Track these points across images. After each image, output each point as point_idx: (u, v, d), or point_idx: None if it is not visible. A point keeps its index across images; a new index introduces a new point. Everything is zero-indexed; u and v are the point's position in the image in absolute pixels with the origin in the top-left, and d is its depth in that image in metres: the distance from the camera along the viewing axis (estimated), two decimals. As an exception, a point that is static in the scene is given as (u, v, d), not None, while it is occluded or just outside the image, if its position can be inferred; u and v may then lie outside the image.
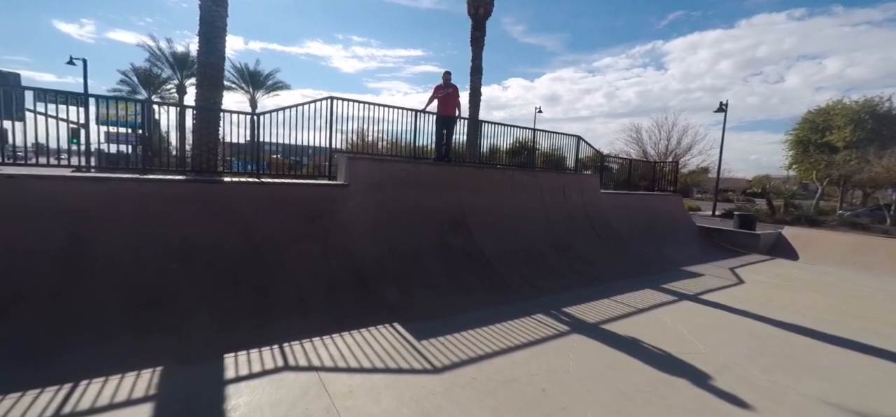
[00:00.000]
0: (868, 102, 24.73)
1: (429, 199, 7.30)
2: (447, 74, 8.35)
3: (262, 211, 5.58)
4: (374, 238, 6.35)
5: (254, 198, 5.63)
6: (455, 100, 8.30)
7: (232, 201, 5.47)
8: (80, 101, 5.66)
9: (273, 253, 5.31)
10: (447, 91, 8.25)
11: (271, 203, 5.71)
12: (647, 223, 11.05)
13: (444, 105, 8.23)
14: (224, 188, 5.55)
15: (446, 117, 8.26)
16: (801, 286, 7.79)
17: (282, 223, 5.64)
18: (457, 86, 8.37)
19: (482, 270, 6.74)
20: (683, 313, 5.69)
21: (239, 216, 5.41)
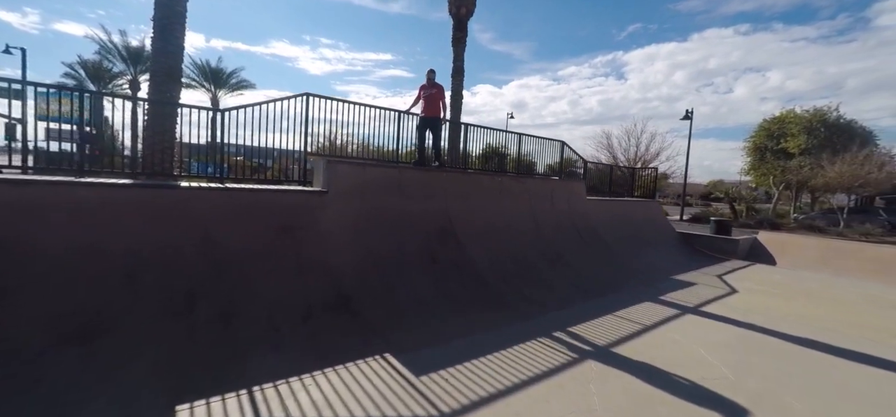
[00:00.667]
0: (819, 111, 26.25)
1: (414, 207, 6.68)
2: (431, 73, 7.71)
3: (225, 221, 4.78)
4: (356, 250, 5.66)
5: (216, 206, 4.82)
6: (440, 100, 7.67)
7: (190, 209, 4.64)
8: (16, 94, 4.67)
9: (239, 271, 4.53)
10: (432, 90, 7.62)
11: (237, 211, 4.91)
12: (631, 230, 10.89)
13: (428, 105, 7.62)
14: (180, 194, 4.71)
15: (431, 119, 7.65)
16: (790, 293, 7.74)
17: (249, 235, 4.86)
18: (442, 85, 7.76)
19: (474, 284, 6.18)
20: (691, 329, 5.37)
21: (198, 226, 4.59)
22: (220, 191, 4.98)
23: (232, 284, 4.37)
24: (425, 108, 7.65)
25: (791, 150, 26.15)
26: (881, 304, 7.24)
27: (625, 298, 6.65)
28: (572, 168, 11.69)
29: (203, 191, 4.88)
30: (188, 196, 4.74)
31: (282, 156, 6.91)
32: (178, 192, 4.73)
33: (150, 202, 4.46)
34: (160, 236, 4.33)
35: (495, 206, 7.94)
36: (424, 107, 7.66)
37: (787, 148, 26.45)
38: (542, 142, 10.36)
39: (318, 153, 6.87)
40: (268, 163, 6.81)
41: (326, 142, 9.48)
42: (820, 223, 21.55)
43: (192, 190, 4.82)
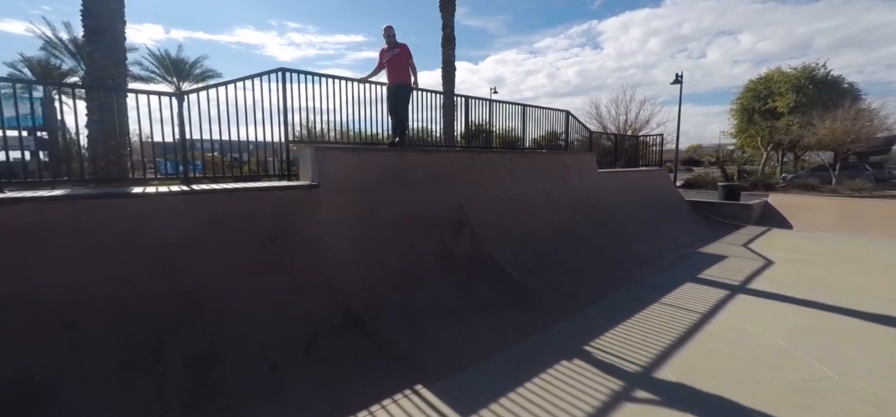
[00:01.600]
0: (806, 68, 26.12)
1: (421, 195, 5.76)
2: (389, 30, 6.00)
3: (195, 236, 3.78)
4: (361, 255, 4.74)
5: (182, 217, 3.81)
6: (406, 63, 6.05)
7: (147, 225, 3.63)
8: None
9: (218, 300, 3.57)
10: (394, 52, 5.99)
11: (209, 222, 3.92)
12: (644, 202, 10.23)
13: (393, 71, 6.01)
14: (134, 205, 3.68)
15: (397, 87, 6.04)
16: (827, 260, 7.20)
17: (227, 250, 3.88)
18: (406, 44, 6.06)
19: (497, 280, 5.36)
20: (753, 313, 4.68)
21: (159, 247, 3.59)
22: (186, 197, 3.96)
23: (210, 318, 3.42)
24: (390, 75, 6.05)
25: (780, 109, 25.99)
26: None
27: (662, 280, 5.95)
28: (577, 139, 10.90)
29: (164, 198, 3.85)
30: (145, 207, 3.71)
31: (257, 148, 5.87)
32: (130, 203, 3.69)
33: (95, 219, 3.42)
34: (109, 266, 3.33)
35: (507, 188, 7.09)
36: (389, 73, 6.06)
37: (776, 107, 26.28)
38: (546, 113, 9.50)
39: (302, 140, 5.82)
40: (243, 157, 5.75)
41: (304, 130, 8.36)
42: (812, 181, 21.61)
43: (150, 199, 3.78)
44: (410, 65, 6.11)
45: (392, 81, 6.08)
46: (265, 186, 4.55)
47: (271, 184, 4.87)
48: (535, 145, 9.58)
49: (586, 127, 10.94)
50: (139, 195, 3.74)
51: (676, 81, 24.96)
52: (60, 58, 22.29)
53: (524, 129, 8.86)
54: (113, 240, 3.40)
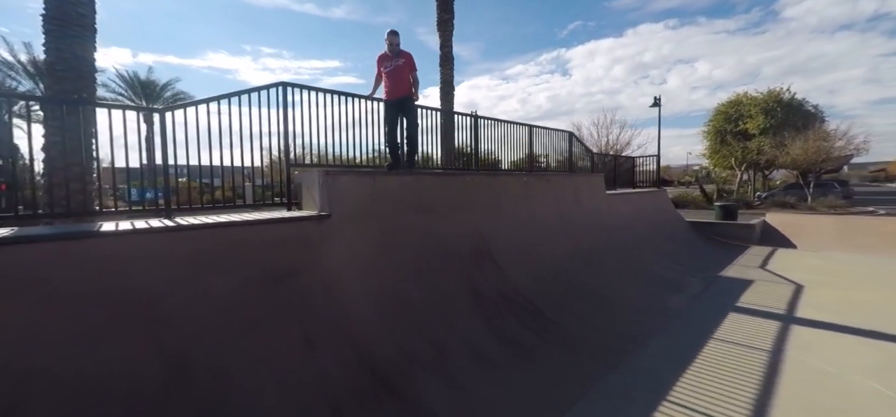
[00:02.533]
0: (773, 92, 27.29)
1: (440, 225, 5.11)
2: (393, 36, 5.12)
3: (180, 283, 2.98)
4: (381, 297, 4.02)
5: (163, 259, 3.01)
6: (409, 75, 5.20)
7: (121, 271, 2.81)
8: None
9: (209, 367, 2.77)
10: (397, 61, 5.13)
11: (198, 263, 3.12)
12: (652, 223, 9.92)
13: (393, 82, 5.18)
14: (102, 246, 2.86)
15: (400, 100, 5.20)
16: (852, 281, 6.94)
17: (221, 299, 3.09)
18: (411, 54, 5.23)
19: (531, 318, 4.72)
20: (819, 347, 4.21)
21: (133, 300, 2.78)
22: (168, 235, 3.16)
23: (202, 392, 2.61)
24: (390, 87, 5.19)
25: (751, 131, 26.97)
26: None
27: (702, 311, 5.46)
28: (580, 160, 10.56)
29: (141, 237, 3.04)
30: (116, 248, 2.89)
31: (253, 173, 5.10)
32: (97, 244, 2.87)
33: (51, 265, 2.59)
34: (67, 327, 2.50)
35: (524, 211, 6.54)
36: (389, 85, 5.20)
37: (747, 128, 27.27)
38: (550, 133, 9.11)
39: (306, 164, 5.08)
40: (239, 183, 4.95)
41: (301, 151, 7.57)
42: (789, 199, 22.27)
43: (123, 238, 2.97)
44: (413, 77, 5.25)
45: (393, 95, 5.19)
46: (265, 218, 3.79)
47: (272, 215, 4.11)
48: (541, 167, 9.14)
49: (589, 148, 10.64)
50: (109, 233, 2.93)
51: (655, 104, 25.48)
52: (18, 80, 20.72)
53: (532, 150, 8.41)
54: (73, 293, 2.57)
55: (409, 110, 5.26)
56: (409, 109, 5.25)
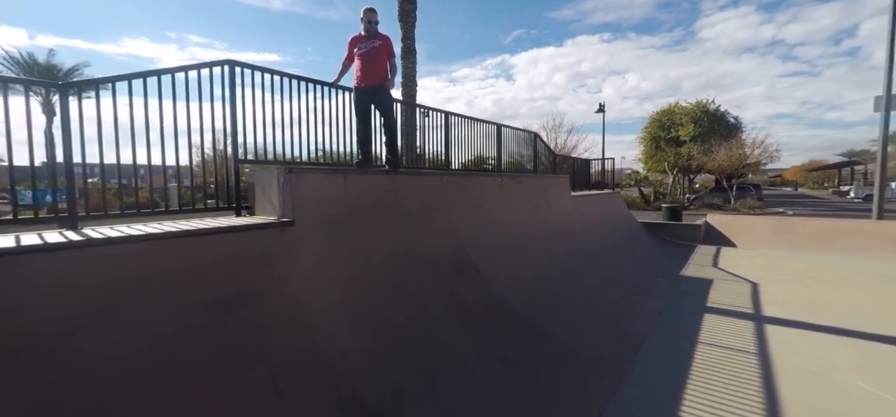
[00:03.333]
0: (700, 103, 29.77)
1: (418, 230, 4.58)
2: (371, 13, 4.42)
3: (97, 317, 2.19)
4: (359, 315, 3.40)
5: (71, 285, 2.19)
6: (386, 60, 4.52)
7: (9, 307, 1.97)
8: None
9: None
10: (374, 43, 4.42)
11: (121, 290, 2.33)
12: (612, 225, 10.08)
13: (367, 67, 4.41)
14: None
15: (374, 89, 4.46)
16: (798, 277, 7.41)
17: (158, 338, 2.34)
18: (389, 37, 4.59)
19: (520, 331, 4.34)
20: (796, 347, 4.27)
21: (29, 345, 1.96)
22: (78, 253, 2.33)
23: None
24: (363, 72, 4.42)
25: (682, 138, 29.21)
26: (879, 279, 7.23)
27: (677, 315, 5.43)
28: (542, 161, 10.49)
29: (39, 260, 2.19)
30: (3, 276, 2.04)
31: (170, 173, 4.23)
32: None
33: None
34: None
35: (500, 214, 6.18)
36: (361, 70, 4.43)
37: (679, 136, 29.51)
38: (517, 134, 8.90)
39: (259, 161, 4.27)
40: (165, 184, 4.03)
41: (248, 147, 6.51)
42: (716, 200, 24.33)
43: (12, 262, 2.11)
44: (391, 63, 4.58)
45: (366, 81, 4.43)
46: (212, 227, 3.03)
47: (216, 223, 3.33)
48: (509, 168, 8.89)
49: (551, 150, 10.61)
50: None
51: (600, 110, 26.85)
52: None
53: (500, 150, 8.11)
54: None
55: (385, 101, 4.58)
56: (385, 100, 4.57)
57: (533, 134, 9.42)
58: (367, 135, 4.66)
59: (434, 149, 6.62)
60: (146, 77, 3.19)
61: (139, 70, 3.15)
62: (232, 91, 3.79)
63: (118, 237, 2.45)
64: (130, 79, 3.10)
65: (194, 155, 3.68)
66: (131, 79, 3.10)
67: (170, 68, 3.33)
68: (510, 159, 8.53)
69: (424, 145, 6.50)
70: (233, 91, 3.80)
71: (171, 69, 3.34)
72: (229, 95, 3.78)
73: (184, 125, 3.46)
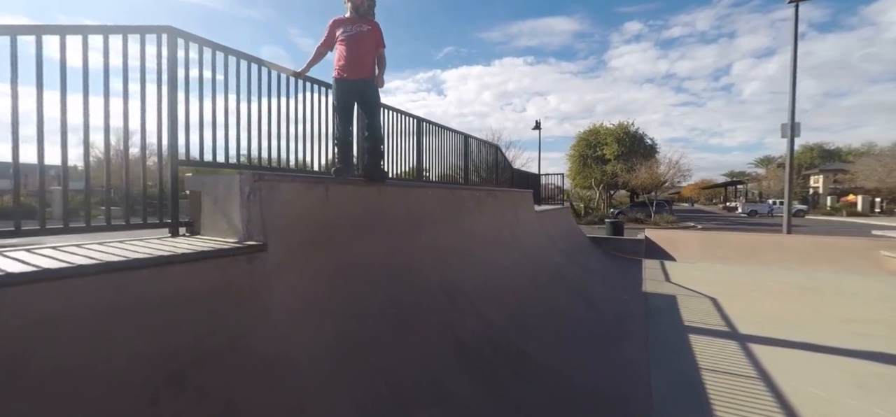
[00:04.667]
0: (622, 125, 32.36)
1: (405, 250, 3.87)
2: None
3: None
4: (351, 371, 2.61)
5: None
6: (374, 49, 3.75)
7: None
8: None
9: None
10: (360, 28, 3.64)
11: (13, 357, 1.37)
12: (568, 240, 10.10)
13: (352, 54, 3.61)
14: None
15: (359, 83, 3.66)
16: (744, 291, 7.86)
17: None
18: (379, 24, 3.78)
19: (524, 367, 3.81)
20: (788, 368, 4.27)
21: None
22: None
23: None
24: (347, 61, 3.62)
25: (607, 156, 31.48)
26: (812, 291, 7.95)
27: (663, 334, 5.32)
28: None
29: None
30: None
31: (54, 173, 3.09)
32: None
33: None
34: None
35: (479, 231, 5.66)
36: (345, 58, 3.62)
37: (604, 154, 31.77)
38: (480, 145, 8.52)
39: (210, 164, 3.23)
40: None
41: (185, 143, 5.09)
42: (639, 215, 26.38)
43: None
44: (379, 54, 3.80)
45: (350, 72, 3.60)
46: (150, 257, 2.08)
47: (149, 250, 2.36)
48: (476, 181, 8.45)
49: (510, 163, 10.42)
50: None
51: (537, 127, 27.89)
52: None
53: (467, 162, 7.64)
54: None
55: (371, 98, 3.77)
56: (372, 97, 3.77)
57: (495, 146, 9.12)
58: (348, 137, 3.84)
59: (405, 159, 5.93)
60: (40, 34, 2.16)
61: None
62: (172, 69, 2.83)
63: None
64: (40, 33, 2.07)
65: (100, 149, 2.61)
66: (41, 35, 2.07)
67: (89, 26, 2.32)
68: (477, 172, 8.11)
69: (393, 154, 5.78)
70: (173, 69, 2.84)
71: (87, 27, 2.33)
72: (169, 75, 2.82)
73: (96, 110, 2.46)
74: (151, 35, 2.74)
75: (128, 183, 2.62)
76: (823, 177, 44.00)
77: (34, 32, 2.14)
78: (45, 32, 2.19)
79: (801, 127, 12.00)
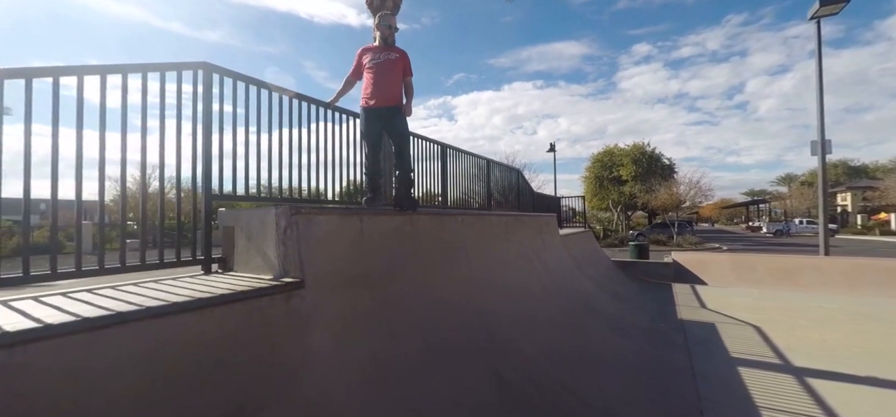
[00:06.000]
0: (637, 145, 31.99)
1: (440, 283, 3.71)
2: (387, 19, 3.79)
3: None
4: (393, 414, 2.43)
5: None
6: (401, 78, 3.73)
7: None
8: None
9: None
10: (388, 56, 3.65)
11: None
12: (593, 264, 9.78)
13: (380, 82, 3.59)
14: None
15: (387, 110, 3.61)
16: (786, 318, 7.42)
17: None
18: (406, 52, 3.80)
19: (568, 405, 3.55)
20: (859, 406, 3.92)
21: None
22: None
23: None
24: (375, 89, 3.58)
25: (624, 177, 31.05)
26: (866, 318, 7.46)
27: (710, 368, 4.97)
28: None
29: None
30: None
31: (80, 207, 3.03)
32: None
33: None
34: None
35: (508, 258, 5.46)
36: (373, 86, 3.59)
37: (621, 175, 31.35)
38: (502, 169, 8.41)
39: (244, 197, 3.18)
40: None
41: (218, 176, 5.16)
42: (662, 237, 25.74)
43: None
44: (406, 83, 3.78)
45: (378, 100, 3.56)
46: (191, 300, 1.97)
47: (178, 289, 2.26)
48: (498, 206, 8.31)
49: (530, 186, 10.26)
50: None
51: (551, 150, 27.76)
52: None
53: (490, 187, 7.51)
54: None
55: (400, 127, 3.70)
56: (400, 125, 3.70)
57: (516, 170, 9.00)
58: (378, 166, 3.78)
59: (429, 184, 5.84)
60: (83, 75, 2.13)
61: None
62: (209, 102, 2.79)
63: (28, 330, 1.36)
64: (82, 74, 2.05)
65: (135, 185, 2.58)
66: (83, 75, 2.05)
67: (128, 65, 2.29)
68: (503, 197, 7.97)
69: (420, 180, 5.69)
70: (209, 102, 2.80)
71: (127, 67, 2.30)
72: (203, 108, 2.78)
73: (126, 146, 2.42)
74: (188, 70, 2.73)
75: (162, 219, 2.55)
76: (852, 195, 42.53)
77: (75, 73, 2.12)
78: (87, 73, 2.16)
79: (831, 144, 11.58)
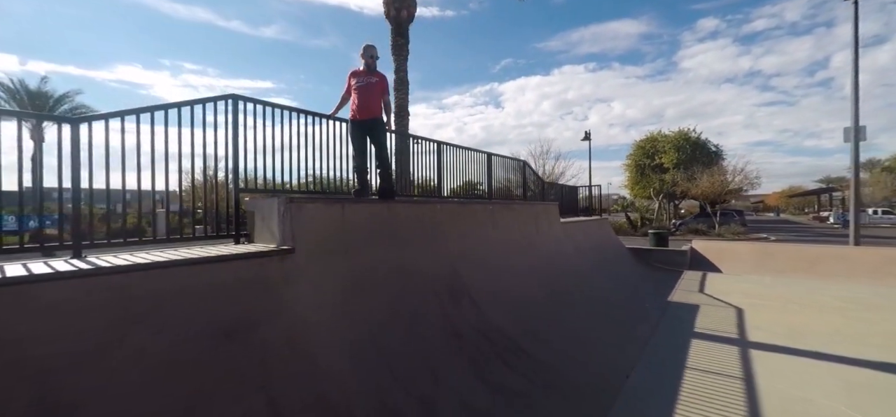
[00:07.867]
0: (682, 132, 30.70)
1: (414, 258, 4.66)
2: (371, 50, 4.82)
3: (100, 350, 2.22)
4: (357, 345, 3.44)
5: (69, 317, 2.22)
6: (381, 96, 4.85)
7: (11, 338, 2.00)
8: None
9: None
10: (370, 79, 4.77)
11: (122, 320, 2.37)
12: (601, 250, 10.27)
13: (362, 101, 4.72)
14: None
15: (370, 122, 4.78)
16: (782, 303, 7.61)
17: (157, 367, 2.36)
18: (385, 76, 4.99)
19: (516, 359, 4.38)
20: (784, 373, 4.41)
21: (32, 376, 1.98)
22: (82, 283, 2.37)
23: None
24: (358, 105, 4.73)
25: (666, 165, 29.99)
26: (858, 305, 7.48)
27: (666, 339, 5.55)
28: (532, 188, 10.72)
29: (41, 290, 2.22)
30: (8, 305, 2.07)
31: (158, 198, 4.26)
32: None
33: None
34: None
35: (493, 242, 6.30)
36: (357, 103, 4.74)
37: (663, 162, 30.30)
38: (505, 161, 9.13)
39: (257, 189, 4.38)
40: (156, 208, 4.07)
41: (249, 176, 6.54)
42: (701, 226, 24.86)
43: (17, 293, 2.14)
44: (385, 101, 4.93)
45: (361, 114, 4.74)
46: (214, 255, 3.08)
47: (216, 250, 3.39)
48: (498, 195, 9.08)
49: (540, 177, 10.87)
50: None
51: (586, 138, 27.50)
52: None
53: (490, 178, 8.30)
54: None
55: (379, 134, 4.87)
56: (379, 133, 4.87)
57: (522, 162, 9.67)
58: (364, 165, 4.88)
59: (426, 176, 6.79)
60: (154, 111, 3.29)
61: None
62: (235, 124, 3.92)
63: (126, 265, 2.50)
64: (139, 112, 3.20)
65: (190, 182, 3.80)
66: (139, 113, 3.20)
67: (176, 103, 3.45)
68: (500, 186, 8.72)
69: (417, 173, 6.66)
70: (235, 124, 3.93)
71: (177, 104, 3.46)
72: (232, 128, 3.91)
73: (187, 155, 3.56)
74: (221, 101, 3.85)
75: (206, 208, 3.71)
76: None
77: (149, 111, 3.28)
78: (156, 109, 3.32)
79: (865, 130, 11.00)
